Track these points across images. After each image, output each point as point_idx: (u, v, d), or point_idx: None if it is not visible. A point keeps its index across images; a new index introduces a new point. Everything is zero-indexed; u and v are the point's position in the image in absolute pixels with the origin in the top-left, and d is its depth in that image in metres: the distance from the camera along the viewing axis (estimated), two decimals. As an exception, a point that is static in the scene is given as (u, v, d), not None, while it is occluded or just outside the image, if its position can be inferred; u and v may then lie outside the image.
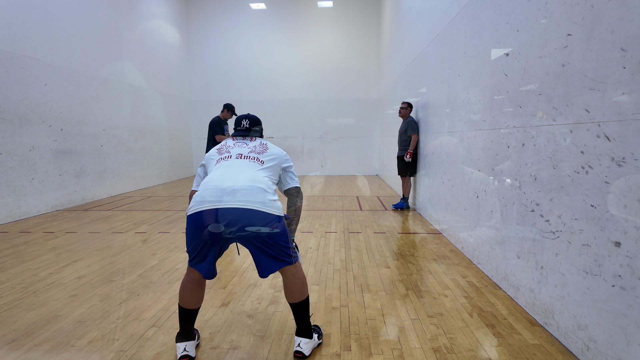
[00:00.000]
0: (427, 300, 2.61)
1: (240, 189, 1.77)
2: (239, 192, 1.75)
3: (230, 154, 2.00)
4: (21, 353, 1.99)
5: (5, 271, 3.24)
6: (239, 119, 2.22)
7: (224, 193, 1.74)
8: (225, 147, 2.08)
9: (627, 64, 1.57)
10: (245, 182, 1.80)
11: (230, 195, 1.74)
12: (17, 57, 5.45)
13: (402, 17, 7.50)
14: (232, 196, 1.74)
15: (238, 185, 1.78)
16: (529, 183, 2.36)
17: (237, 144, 2.09)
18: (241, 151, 2.01)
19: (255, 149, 2.05)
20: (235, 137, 2.16)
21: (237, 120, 2.23)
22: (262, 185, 1.84)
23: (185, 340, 1.93)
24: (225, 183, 1.78)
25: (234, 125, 2.24)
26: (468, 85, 3.52)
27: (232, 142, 2.12)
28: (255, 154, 2.01)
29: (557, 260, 2.06)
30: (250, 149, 2.04)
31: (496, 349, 2.00)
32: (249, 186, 1.79)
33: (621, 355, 1.61)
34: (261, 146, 2.08)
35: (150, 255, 3.66)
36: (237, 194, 1.74)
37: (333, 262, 3.44)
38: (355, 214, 5.67)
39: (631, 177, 1.55)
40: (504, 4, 2.76)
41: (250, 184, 1.80)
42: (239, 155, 1.98)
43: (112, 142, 7.76)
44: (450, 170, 4.05)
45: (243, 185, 1.78)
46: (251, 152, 2.01)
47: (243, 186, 1.78)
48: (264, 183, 1.86)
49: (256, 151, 2.03)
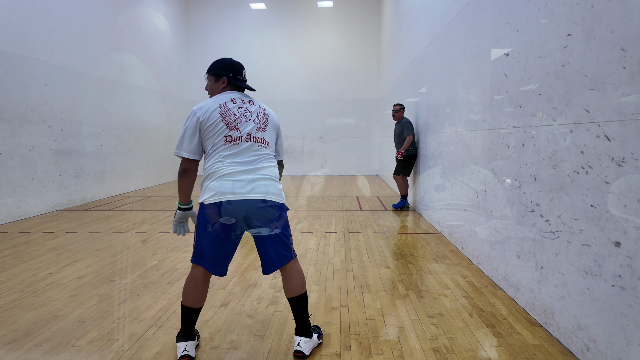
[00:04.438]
0: (427, 300, 2.61)
1: (257, 181, 1.83)
2: (256, 185, 1.81)
3: (241, 132, 1.86)
4: (21, 353, 1.99)
5: (5, 271, 3.24)
6: (238, 66, 2.03)
7: (241, 185, 1.79)
8: (229, 113, 1.88)
9: (627, 64, 1.57)
10: (260, 173, 1.85)
11: (248, 187, 1.80)
12: (17, 57, 5.45)
13: (402, 17, 7.50)
14: (256, 188, 1.81)
15: (254, 177, 1.83)
16: (529, 183, 2.36)
17: (240, 110, 1.91)
18: (249, 128, 1.89)
19: (259, 121, 1.94)
20: (234, 91, 1.99)
21: (234, 66, 2.01)
22: (273, 174, 1.91)
23: (185, 340, 1.92)
24: (241, 175, 1.81)
25: (229, 71, 2.00)
26: (468, 85, 3.52)
27: (233, 105, 1.91)
28: (261, 133, 1.93)
29: (557, 260, 2.06)
30: (255, 123, 1.92)
31: (496, 349, 2.00)
32: (263, 177, 1.85)
33: (621, 355, 1.61)
34: (262, 114, 1.97)
35: (150, 255, 3.66)
36: (255, 187, 1.81)
37: (333, 262, 3.44)
38: (355, 214, 5.67)
39: (631, 177, 1.55)
40: (504, 4, 2.76)
41: (264, 174, 1.86)
42: (248, 136, 1.87)
43: (112, 142, 7.76)
44: (450, 170, 4.05)
45: (259, 176, 1.84)
46: (258, 131, 1.92)
47: (259, 178, 1.84)
48: (274, 172, 1.93)
49: (261, 126, 1.94)
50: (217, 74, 2.00)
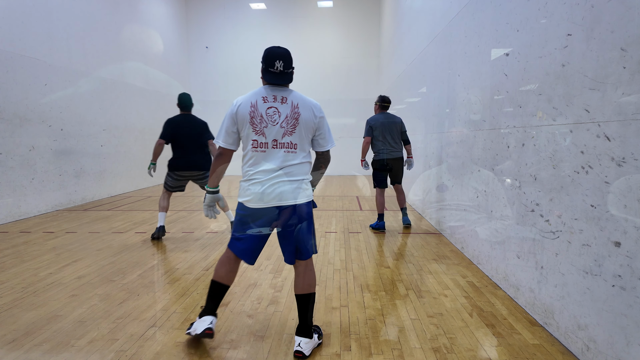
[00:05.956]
0: (427, 300, 2.61)
1: (283, 186, 1.90)
2: (282, 191, 1.90)
3: (267, 139, 1.88)
4: (21, 353, 1.99)
5: (5, 271, 3.24)
6: (271, 55, 1.90)
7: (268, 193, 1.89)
8: (257, 115, 1.87)
9: (627, 64, 1.57)
10: (286, 178, 1.91)
11: (281, 194, 1.90)
12: (17, 57, 5.45)
13: (402, 17, 7.50)
14: (283, 194, 1.90)
15: (280, 182, 1.90)
16: (529, 183, 2.36)
17: (269, 111, 1.88)
18: (274, 134, 1.88)
19: (287, 124, 1.89)
20: (269, 85, 1.94)
21: (267, 57, 1.91)
22: (300, 177, 1.96)
23: (210, 314, 2.07)
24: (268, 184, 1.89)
25: (263, 62, 1.92)
26: (468, 85, 3.52)
27: (263, 105, 1.89)
28: (288, 137, 1.90)
29: (557, 260, 2.06)
30: (282, 128, 1.89)
31: (496, 349, 2.00)
32: (289, 181, 1.92)
33: (621, 355, 1.61)
34: (292, 114, 1.90)
35: (150, 255, 3.66)
36: (284, 193, 1.90)
37: (333, 262, 3.44)
38: (355, 214, 5.67)
39: (631, 177, 1.55)
40: (504, 4, 2.76)
41: (290, 179, 1.92)
42: (274, 143, 1.89)
43: (112, 142, 7.75)
44: (450, 170, 4.05)
45: (284, 181, 1.91)
46: (285, 135, 1.89)
47: (285, 182, 1.91)
48: (302, 171, 1.97)
49: (288, 129, 1.90)
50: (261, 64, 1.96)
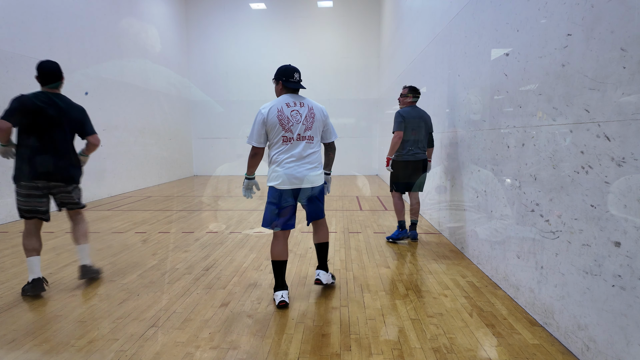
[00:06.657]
0: (427, 300, 2.61)
1: (309, 172, 2.52)
2: (308, 176, 2.52)
3: (293, 134, 2.47)
4: (21, 353, 1.99)
5: (5, 271, 3.24)
6: (289, 70, 2.53)
7: (299, 178, 2.49)
8: (284, 117, 2.45)
9: (627, 64, 1.57)
10: (308, 163, 2.52)
11: (304, 178, 2.51)
12: (17, 57, 5.45)
13: (402, 17, 7.50)
14: (306, 179, 2.51)
15: (304, 167, 2.51)
16: (529, 183, 2.36)
17: (293, 113, 2.48)
18: (299, 129, 2.48)
19: (307, 122, 2.51)
20: (289, 93, 2.55)
21: (288, 71, 2.52)
22: (317, 161, 2.59)
23: (281, 289, 2.52)
24: (297, 169, 2.48)
25: (282, 75, 2.52)
26: (468, 85, 3.52)
27: (287, 109, 2.47)
28: (308, 131, 2.52)
29: (557, 260, 2.06)
30: (304, 125, 2.50)
31: (496, 349, 2.00)
32: (313, 168, 2.55)
33: (621, 355, 1.61)
34: (310, 114, 2.52)
35: (150, 255, 3.66)
36: (308, 177, 2.52)
37: (333, 262, 3.44)
38: (355, 214, 5.67)
39: (631, 177, 1.55)
40: (504, 4, 2.76)
41: (314, 166, 2.55)
42: (298, 137, 2.49)
43: (112, 142, 7.75)
44: (450, 170, 4.05)
45: (310, 169, 2.53)
46: (306, 130, 2.51)
47: (310, 170, 2.53)
48: (318, 158, 2.61)
49: (308, 125, 2.52)
50: (276, 78, 2.58)
